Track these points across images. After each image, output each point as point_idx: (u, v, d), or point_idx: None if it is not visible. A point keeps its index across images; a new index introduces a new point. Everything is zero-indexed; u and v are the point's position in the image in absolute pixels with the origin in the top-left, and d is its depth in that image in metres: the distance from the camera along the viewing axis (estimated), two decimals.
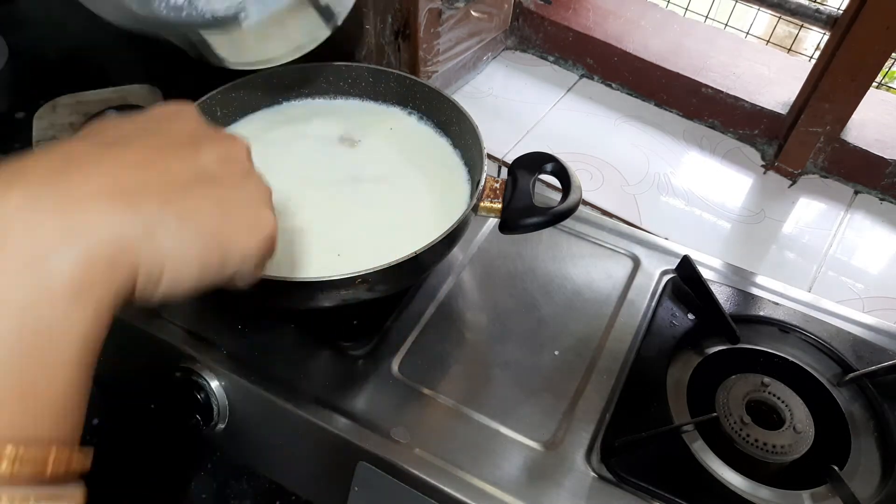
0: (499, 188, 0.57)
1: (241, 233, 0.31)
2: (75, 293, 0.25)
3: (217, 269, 0.30)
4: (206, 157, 0.31)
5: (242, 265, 0.32)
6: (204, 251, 0.29)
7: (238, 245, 0.31)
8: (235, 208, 0.31)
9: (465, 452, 0.53)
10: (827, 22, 0.80)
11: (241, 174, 0.33)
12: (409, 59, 0.88)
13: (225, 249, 0.30)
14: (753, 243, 0.81)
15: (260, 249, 0.33)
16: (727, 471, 0.53)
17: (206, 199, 0.30)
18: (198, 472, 0.71)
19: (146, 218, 0.27)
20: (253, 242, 0.32)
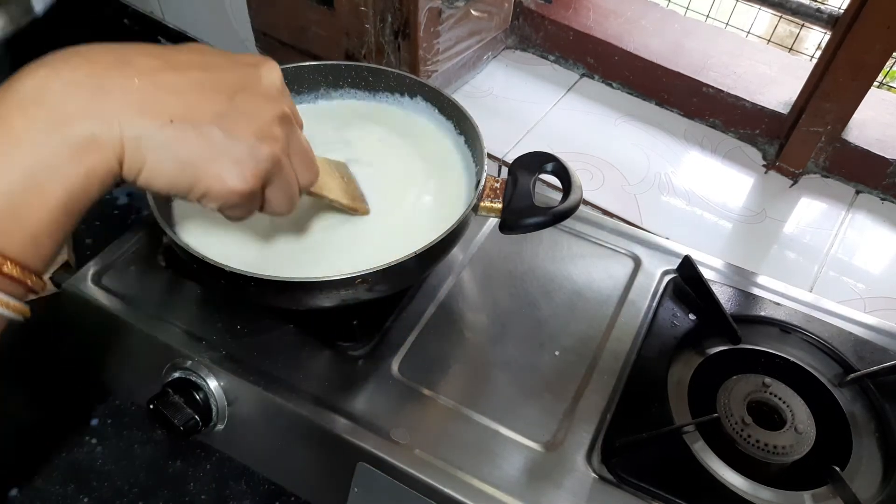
0: (499, 188, 0.57)
1: (212, 176, 0.36)
2: (76, 155, 0.32)
3: (184, 189, 0.37)
4: (239, 104, 0.37)
5: (206, 199, 0.38)
6: (175, 172, 0.36)
7: (204, 183, 0.37)
8: (223, 155, 0.36)
9: (465, 453, 0.53)
10: (828, 21, 0.80)
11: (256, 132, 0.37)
12: (409, 58, 0.88)
13: (193, 179, 0.36)
14: (754, 243, 0.81)
15: (225, 195, 0.38)
16: (728, 471, 0.53)
17: (204, 138, 0.35)
18: (197, 472, 0.71)
19: (143, 130, 0.34)
20: (220, 188, 0.37)
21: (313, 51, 0.96)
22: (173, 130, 0.34)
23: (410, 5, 0.82)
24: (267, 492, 0.69)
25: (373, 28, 0.86)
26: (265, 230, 0.57)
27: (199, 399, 0.57)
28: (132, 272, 0.65)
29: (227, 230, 0.56)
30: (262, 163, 0.38)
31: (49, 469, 0.70)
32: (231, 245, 0.55)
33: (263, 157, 0.38)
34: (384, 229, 0.57)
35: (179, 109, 0.35)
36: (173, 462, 0.71)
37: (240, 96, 0.37)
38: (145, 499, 0.69)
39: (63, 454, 0.71)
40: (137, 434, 0.73)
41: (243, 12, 1.03)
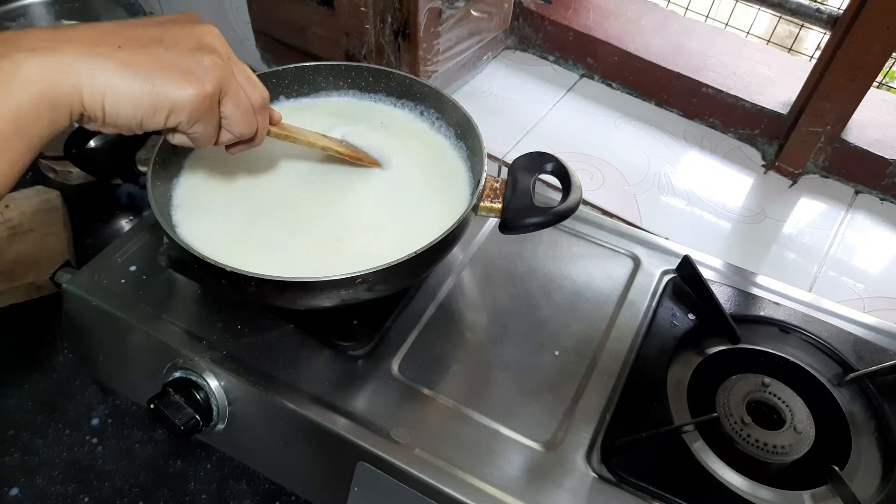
0: (499, 188, 0.57)
1: (169, 84, 0.39)
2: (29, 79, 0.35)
3: (149, 108, 0.39)
4: (171, 31, 0.41)
5: (174, 113, 0.41)
6: (135, 91, 0.38)
7: (165, 95, 0.39)
8: (173, 67, 0.40)
9: (465, 452, 0.53)
10: (827, 21, 0.80)
11: (195, 47, 0.41)
12: (409, 58, 0.88)
13: (153, 93, 0.39)
14: (754, 243, 0.81)
15: (187, 103, 0.40)
16: (727, 471, 0.53)
17: (150, 55, 0.39)
18: (198, 472, 0.71)
19: (95, 62, 0.37)
20: (179, 94, 0.40)
21: (313, 51, 0.96)
22: (123, 53, 0.38)
23: (410, 5, 0.82)
24: (267, 492, 0.69)
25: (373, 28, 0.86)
26: (265, 230, 0.57)
27: (199, 399, 0.57)
28: (132, 272, 0.65)
29: (227, 230, 0.56)
30: (210, 69, 0.41)
31: (49, 469, 0.70)
32: (231, 245, 0.55)
33: (209, 64, 0.41)
34: (384, 229, 0.57)
35: (122, 40, 0.39)
36: (174, 462, 0.71)
37: (170, 26, 0.42)
38: (145, 498, 0.69)
39: (63, 454, 0.71)
40: (138, 434, 0.73)
41: (243, 12, 1.03)
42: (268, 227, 0.57)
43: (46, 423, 0.73)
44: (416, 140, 0.65)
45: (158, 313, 0.61)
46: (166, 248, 0.65)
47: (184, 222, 0.57)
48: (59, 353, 0.79)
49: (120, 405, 0.75)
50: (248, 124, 0.47)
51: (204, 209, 0.58)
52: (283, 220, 0.58)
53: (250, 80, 0.46)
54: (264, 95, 0.48)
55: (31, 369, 0.78)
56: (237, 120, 0.45)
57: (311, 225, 0.57)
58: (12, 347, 0.80)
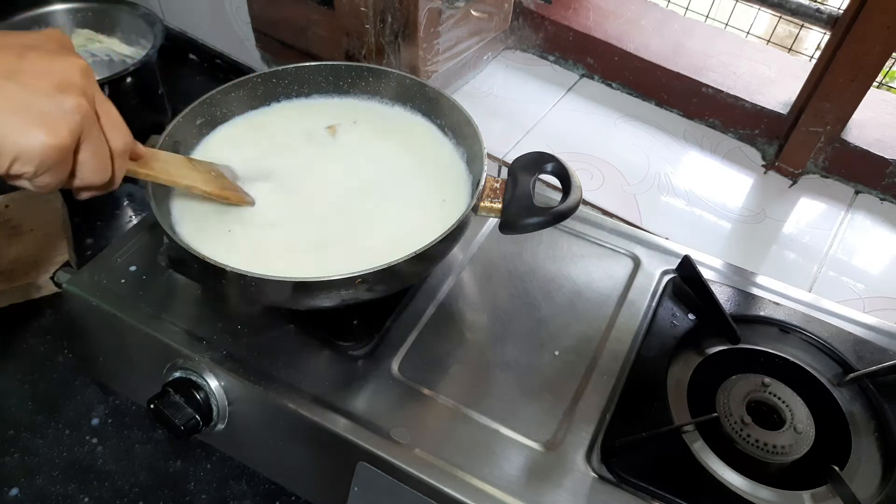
0: (499, 188, 0.57)
1: (19, 131, 0.34)
2: None
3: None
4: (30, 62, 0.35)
5: (18, 163, 0.36)
6: None
7: (12, 141, 0.35)
8: (26, 109, 0.34)
9: (465, 453, 0.53)
10: (827, 21, 0.80)
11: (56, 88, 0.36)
12: (409, 58, 0.88)
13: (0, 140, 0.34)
14: (754, 243, 0.81)
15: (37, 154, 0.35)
16: (727, 471, 0.53)
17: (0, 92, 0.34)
18: (198, 472, 0.71)
19: None
20: (30, 143, 0.35)
21: (313, 51, 0.96)
22: None
23: (410, 5, 0.82)
24: (267, 492, 0.69)
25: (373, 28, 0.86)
26: (265, 230, 0.57)
27: (199, 399, 0.57)
28: (132, 272, 0.65)
29: (227, 230, 0.56)
30: (71, 114, 0.36)
31: (49, 469, 0.70)
32: (231, 244, 0.55)
33: (71, 108, 0.36)
34: (384, 229, 0.57)
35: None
36: (174, 462, 0.71)
37: (30, 53, 0.36)
38: (145, 498, 0.69)
39: (63, 454, 0.71)
40: (138, 434, 0.73)
41: (243, 12, 1.03)
42: (267, 228, 0.57)
43: (46, 423, 0.73)
44: (416, 140, 0.65)
45: (158, 313, 0.61)
46: (166, 248, 0.65)
47: (183, 222, 0.57)
48: (59, 353, 0.79)
49: (120, 405, 0.75)
50: (103, 173, 0.41)
51: (204, 209, 0.58)
52: (283, 221, 0.58)
53: (114, 124, 0.41)
54: (127, 140, 0.42)
55: (31, 369, 0.78)
56: (92, 168, 0.40)
57: (310, 225, 0.57)
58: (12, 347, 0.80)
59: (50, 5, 0.98)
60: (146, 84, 0.95)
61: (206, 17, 1.13)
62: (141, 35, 0.99)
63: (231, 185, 0.59)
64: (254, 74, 0.65)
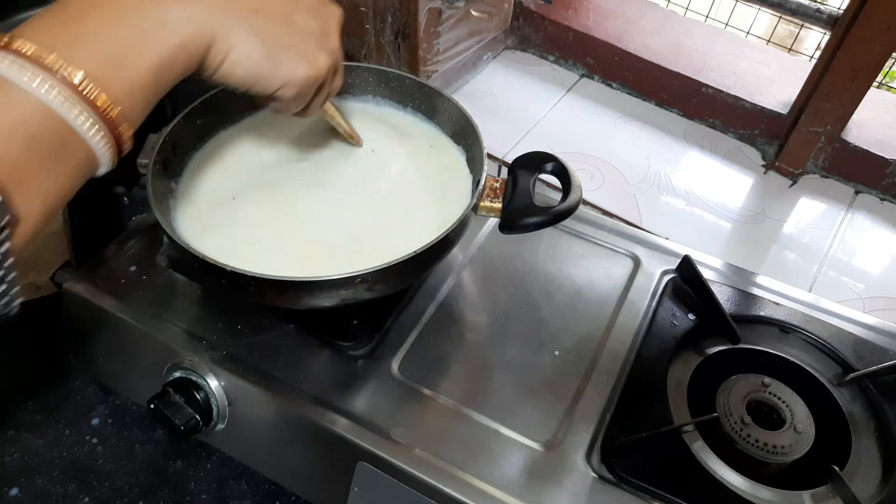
0: (499, 188, 0.57)
1: (289, 62, 0.42)
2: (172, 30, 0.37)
3: (265, 76, 0.42)
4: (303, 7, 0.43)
5: (284, 87, 0.43)
6: (258, 59, 0.41)
7: (284, 68, 0.42)
8: (297, 47, 0.42)
9: (465, 452, 0.53)
10: (827, 21, 0.80)
11: (319, 33, 0.44)
12: (409, 58, 0.88)
13: (274, 65, 0.41)
14: (754, 243, 0.81)
15: (298, 84, 0.43)
16: (727, 471, 0.53)
17: (280, 29, 0.41)
18: (198, 472, 0.71)
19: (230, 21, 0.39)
20: (295, 74, 0.43)
21: None
22: (258, 19, 0.40)
23: (410, 6, 0.82)
24: (267, 491, 0.69)
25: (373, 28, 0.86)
26: (265, 229, 0.57)
27: (199, 399, 0.57)
28: (132, 272, 0.65)
29: (227, 230, 0.56)
30: (326, 56, 0.44)
31: (49, 469, 0.70)
32: (231, 244, 0.55)
33: (327, 50, 0.44)
34: (384, 228, 0.57)
35: (258, 4, 0.40)
36: (174, 462, 0.71)
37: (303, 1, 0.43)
38: (145, 498, 0.69)
39: (63, 454, 0.71)
40: (138, 434, 0.73)
41: None
42: (268, 227, 0.57)
43: (46, 423, 0.73)
44: (416, 140, 0.65)
45: (158, 313, 0.61)
46: (166, 248, 0.65)
47: (184, 222, 0.57)
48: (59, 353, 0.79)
49: (120, 405, 0.75)
50: (321, 106, 0.50)
51: (204, 209, 0.58)
52: (284, 220, 0.58)
53: (340, 72, 0.49)
54: (341, 83, 0.51)
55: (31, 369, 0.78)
56: (318, 103, 0.49)
57: (310, 225, 0.57)
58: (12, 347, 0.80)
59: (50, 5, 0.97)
60: None
61: None
62: None
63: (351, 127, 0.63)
64: None
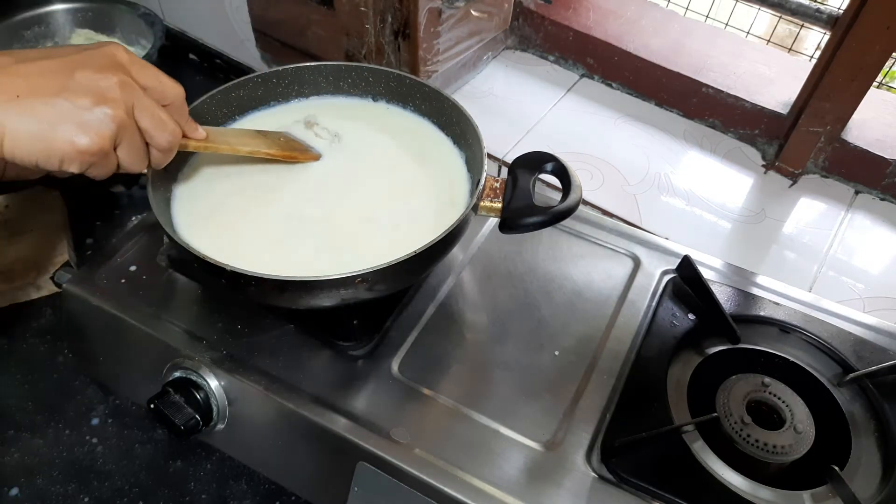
0: (499, 188, 0.57)
1: (61, 141, 0.42)
2: None
3: (42, 156, 0.42)
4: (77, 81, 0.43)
5: (66, 163, 0.43)
6: (30, 141, 0.42)
7: (58, 147, 0.43)
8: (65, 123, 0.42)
9: (465, 452, 0.53)
10: (827, 21, 0.80)
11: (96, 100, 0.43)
12: (409, 58, 0.88)
13: (47, 146, 0.42)
14: (754, 243, 0.81)
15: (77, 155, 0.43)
16: (727, 471, 0.53)
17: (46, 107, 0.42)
18: (198, 472, 0.71)
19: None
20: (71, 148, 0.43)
21: (313, 51, 0.96)
22: (20, 104, 0.41)
23: (410, 5, 0.82)
24: (267, 491, 0.69)
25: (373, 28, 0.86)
26: (265, 230, 0.57)
27: (199, 398, 0.57)
28: (132, 272, 0.65)
29: (227, 230, 0.56)
30: (105, 123, 0.44)
31: (49, 469, 0.70)
32: (231, 244, 0.55)
33: (106, 118, 0.43)
34: (384, 228, 0.57)
35: (24, 88, 0.42)
36: (174, 462, 0.71)
37: (79, 72, 0.43)
38: (145, 498, 0.69)
39: (63, 454, 0.71)
40: (138, 434, 0.73)
41: (243, 12, 1.03)
42: (268, 227, 0.57)
43: (46, 423, 0.73)
44: (416, 140, 0.65)
45: (158, 313, 0.61)
46: (166, 248, 0.65)
47: (184, 222, 0.57)
48: (59, 353, 0.79)
49: (120, 405, 0.75)
50: (140, 164, 0.48)
51: (204, 209, 0.58)
52: (284, 220, 0.58)
53: (155, 122, 0.47)
54: (170, 138, 0.49)
55: (31, 369, 0.78)
56: (131, 162, 0.47)
57: (311, 225, 0.57)
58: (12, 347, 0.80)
59: (50, 5, 0.98)
60: None
61: (206, 17, 1.13)
62: (141, 35, 0.99)
63: (300, 145, 0.63)
64: (254, 74, 0.65)
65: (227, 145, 0.56)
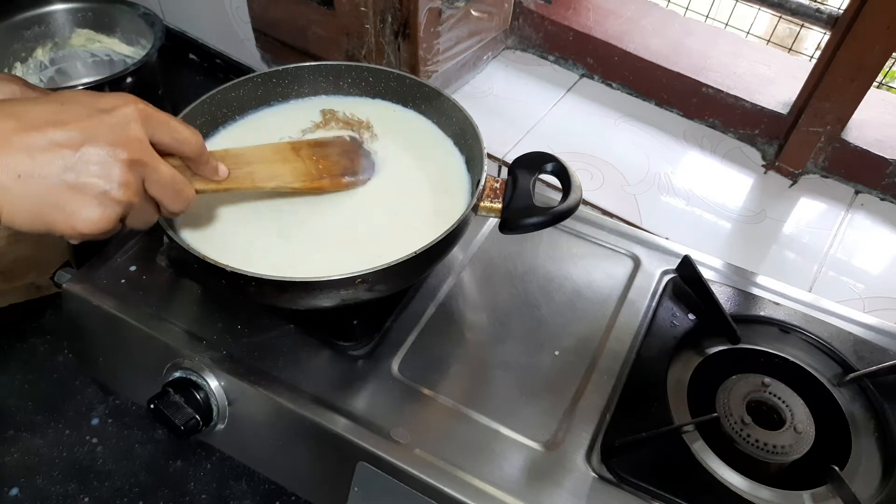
0: (499, 188, 0.57)
1: (63, 224, 0.41)
2: None
3: (43, 231, 0.41)
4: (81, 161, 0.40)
5: (71, 235, 0.42)
6: (29, 219, 0.40)
7: (59, 228, 0.41)
8: (68, 206, 0.40)
9: (465, 452, 0.53)
10: (827, 21, 0.80)
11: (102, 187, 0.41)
12: (409, 58, 0.88)
13: (48, 225, 0.41)
14: (754, 243, 0.81)
15: (84, 229, 0.41)
16: (727, 471, 0.53)
17: (49, 191, 0.40)
18: (198, 472, 0.71)
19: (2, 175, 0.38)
20: (70, 234, 0.41)
21: (313, 51, 0.96)
22: (21, 185, 0.39)
23: (410, 5, 0.82)
24: (267, 491, 0.69)
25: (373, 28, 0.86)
26: (266, 230, 0.57)
27: (199, 399, 0.57)
28: (132, 272, 0.65)
29: (227, 230, 0.56)
30: (112, 208, 0.42)
31: (49, 468, 0.70)
32: (231, 244, 0.55)
33: (111, 204, 0.41)
34: (384, 229, 0.57)
35: (27, 167, 0.39)
36: (173, 461, 0.71)
37: (88, 148, 0.40)
38: (145, 498, 0.69)
39: (63, 454, 0.71)
40: (138, 434, 0.73)
41: (243, 12, 1.03)
42: (269, 227, 0.57)
43: (46, 423, 0.73)
44: (416, 140, 0.65)
45: (158, 313, 0.61)
46: (166, 248, 0.65)
47: (184, 222, 0.57)
48: (59, 353, 0.79)
49: (120, 405, 0.75)
50: (146, 226, 0.47)
51: (204, 208, 0.58)
52: (284, 221, 0.58)
53: (169, 193, 0.45)
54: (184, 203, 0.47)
55: (31, 369, 0.78)
56: (139, 227, 0.47)
57: (311, 225, 0.57)
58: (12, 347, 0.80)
59: (50, 5, 0.98)
60: (146, 84, 0.95)
61: (206, 17, 1.13)
62: (141, 35, 0.99)
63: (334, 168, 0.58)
64: (254, 74, 0.65)
65: (251, 181, 0.52)
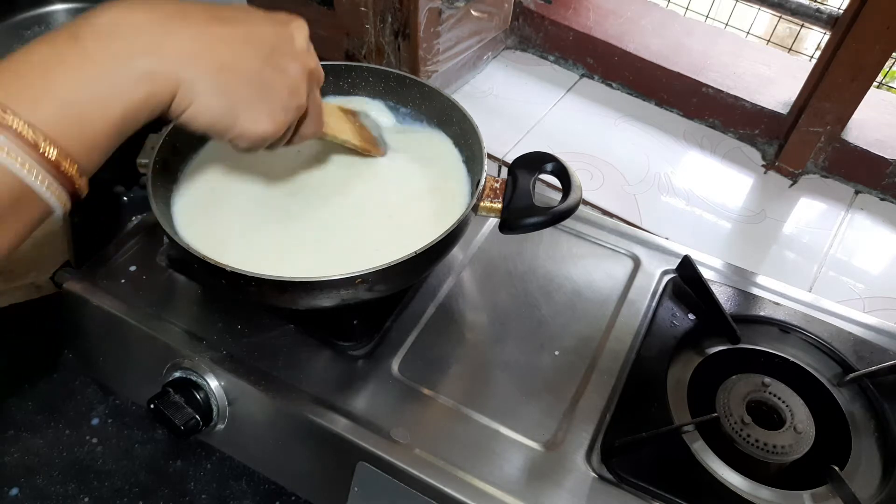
0: (499, 188, 0.57)
1: (248, 120, 0.42)
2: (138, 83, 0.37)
3: (221, 129, 0.42)
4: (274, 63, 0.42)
5: (238, 139, 0.44)
6: (218, 114, 0.41)
7: (241, 126, 0.42)
8: (259, 105, 0.42)
9: (465, 452, 0.53)
10: (827, 21, 0.80)
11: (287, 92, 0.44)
12: (409, 58, 0.88)
13: (233, 120, 0.42)
14: (754, 243, 0.81)
15: (253, 137, 0.44)
16: (727, 471, 0.53)
17: (245, 86, 0.41)
18: (198, 472, 0.71)
19: (196, 75, 0.39)
20: (251, 130, 0.43)
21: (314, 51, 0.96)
22: (223, 76, 0.40)
23: (410, 5, 0.82)
24: (267, 491, 0.69)
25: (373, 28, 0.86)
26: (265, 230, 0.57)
27: (199, 398, 0.57)
28: (132, 272, 0.65)
29: (227, 230, 0.56)
30: (290, 112, 0.45)
31: (49, 468, 0.70)
32: (232, 244, 0.55)
33: (292, 108, 0.45)
34: (384, 229, 0.57)
35: (227, 58, 0.40)
36: (173, 461, 0.71)
37: (275, 53, 0.43)
38: (145, 498, 0.69)
39: (63, 454, 0.71)
40: (138, 433, 0.73)
41: None
42: (268, 228, 0.57)
43: (46, 423, 0.73)
44: (416, 140, 0.65)
45: (158, 313, 0.61)
46: (166, 248, 0.65)
47: (184, 222, 0.57)
48: (59, 353, 0.79)
49: (120, 405, 0.75)
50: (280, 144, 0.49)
51: (204, 209, 0.58)
52: (284, 221, 0.58)
53: (316, 114, 0.49)
54: (316, 129, 0.50)
55: (31, 369, 0.78)
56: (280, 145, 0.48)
57: (311, 225, 0.57)
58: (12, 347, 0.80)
59: (50, 5, 0.98)
60: None
61: None
62: None
63: (370, 136, 0.62)
64: None
65: (331, 130, 0.56)
